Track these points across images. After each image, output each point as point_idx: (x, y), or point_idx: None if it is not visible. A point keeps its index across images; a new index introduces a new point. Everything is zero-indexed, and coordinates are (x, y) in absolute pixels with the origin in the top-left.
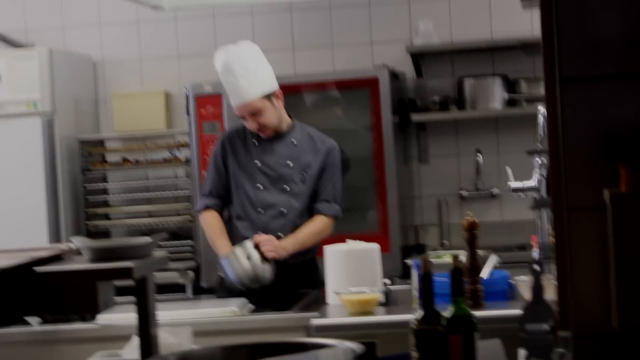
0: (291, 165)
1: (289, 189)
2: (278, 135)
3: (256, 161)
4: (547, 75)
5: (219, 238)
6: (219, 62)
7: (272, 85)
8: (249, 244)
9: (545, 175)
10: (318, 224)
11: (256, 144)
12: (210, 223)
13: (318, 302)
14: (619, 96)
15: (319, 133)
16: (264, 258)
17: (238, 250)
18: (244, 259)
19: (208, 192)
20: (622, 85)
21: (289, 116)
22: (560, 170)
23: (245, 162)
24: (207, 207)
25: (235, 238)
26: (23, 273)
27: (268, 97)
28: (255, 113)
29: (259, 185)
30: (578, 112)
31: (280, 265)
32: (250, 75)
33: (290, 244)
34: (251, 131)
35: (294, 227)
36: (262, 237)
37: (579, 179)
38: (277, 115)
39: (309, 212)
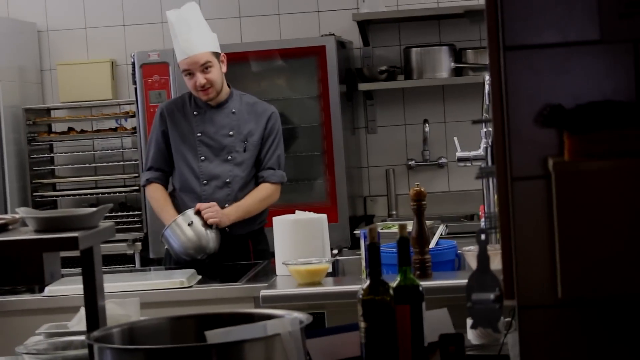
0: (232, 134)
1: (231, 158)
2: (217, 105)
3: (197, 133)
4: (491, 43)
5: (164, 210)
6: (172, 16)
7: (219, 48)
8: (190, 212)
9: (491, 144)
10: (262, 192)
11: (195, 114)
12: (154, 197)
13: (267, 273)
14: (563, 65)
15: (257, 100)
16: (207, 225)
17: (179, 219)
18: (186, 226)
19: (149, 166)
20: (566, 54)
21: (228, 85)
22: (505, 139)
23: (186, 134)
24: (149, 182)
25: (181, 210)
26: None
27: (217, 56)
28: (205, 67)
29: (201, 156)
30: (522, 80)
31: (228, 236)
32: (204, 30)
33: (233, 211)
34: (190, 101)
35: (239, 197)
36: (203, 205)
37: (523, 148)
38: (221, 77)
39: (253, 180)
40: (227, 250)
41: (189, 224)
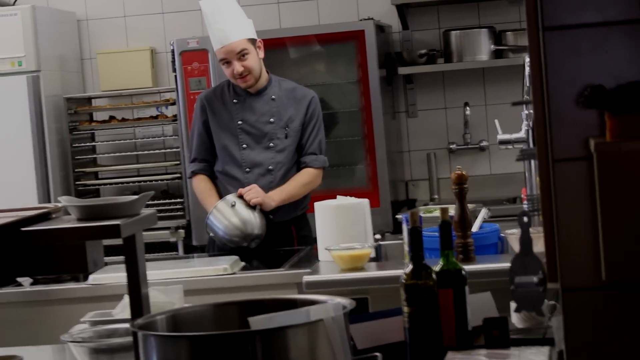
0: (273, 121)
1: (273, 145)
2: (257, 92)
3: (237, 121)
4: (530, 24)
5: (207, 200)
6: (206, 5)
7: (255, 34)
8: (230, 196)
9: (532, 126)
10: (305, 176)
11: (235, 102)
12: (199, 188)
13: (309, 259)
14: (603, 44)
15: (296, 85)
16: (251, 207)
17: (220, 204)
18: (229, 212)
19: (193, 157)
20: (606, 33)
21: (266, 72)
22: (545, 120)
23: (227, 122)
24: (194, 174)
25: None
26: (10, 233)
27: (253, 42)
28: (242, 54)
29: (243, 144)
30: (562, 61)
31: (272, 222)
32: (239, 18)
33: (277, 195)
34: (229, 89)
35: (282, 184)
36: (244, 189)
37: (564, 129)
38: (259, 63)
39: (295, 165)
40: (271, 237)
41: (232, 205)
